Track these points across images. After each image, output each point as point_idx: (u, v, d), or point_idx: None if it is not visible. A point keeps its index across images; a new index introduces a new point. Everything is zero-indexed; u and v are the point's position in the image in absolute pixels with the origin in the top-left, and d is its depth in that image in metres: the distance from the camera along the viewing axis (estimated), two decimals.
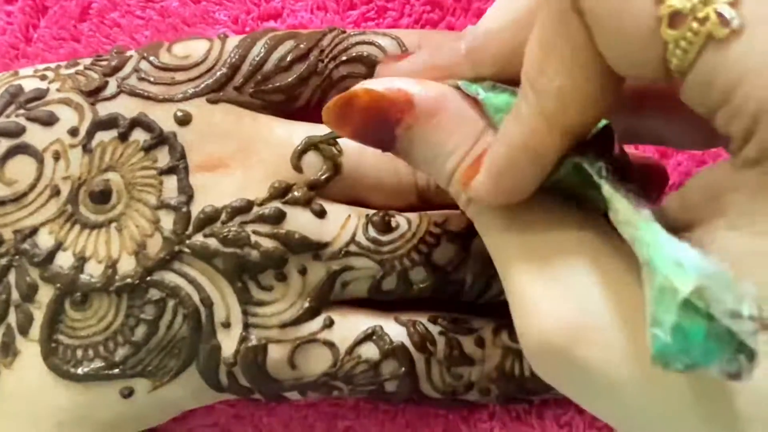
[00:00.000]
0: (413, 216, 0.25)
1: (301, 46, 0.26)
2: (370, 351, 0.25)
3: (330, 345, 0.24)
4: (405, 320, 0.25)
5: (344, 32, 0.26)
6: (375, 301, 0.26)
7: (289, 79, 0.26)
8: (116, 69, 0.26)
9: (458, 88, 0.20)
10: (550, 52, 0.17)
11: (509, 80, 0.20)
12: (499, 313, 0.25)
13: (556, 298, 0.18)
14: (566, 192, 0.19)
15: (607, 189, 0.17)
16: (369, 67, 0.26)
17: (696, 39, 0.15)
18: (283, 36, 0.26)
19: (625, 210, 0.16)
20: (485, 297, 0.25)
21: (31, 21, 0.30)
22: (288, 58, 0.26)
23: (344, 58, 0.26)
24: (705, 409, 0.16)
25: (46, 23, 0.30)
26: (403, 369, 0.24)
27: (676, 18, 0.15)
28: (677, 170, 0.28)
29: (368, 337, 0.25)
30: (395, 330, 0.25)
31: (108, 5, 0.30)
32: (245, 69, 0.25)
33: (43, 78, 0.26)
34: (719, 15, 0.15)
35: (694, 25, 0.15)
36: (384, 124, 0.20)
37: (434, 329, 0.25)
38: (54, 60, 0.30)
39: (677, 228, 0.17)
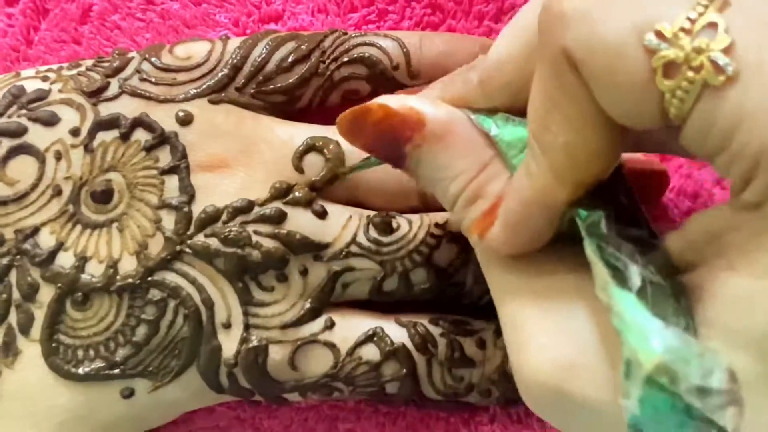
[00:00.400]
0: (414, 218, 0.25)
1: (303, 47, 0.26)
2: (371, 352, 0.25)
3: (331, 346, 0.25)
4: (406, 322, 0.25)
5: (346, 34, 0.26)
6: (376, 303, 0.26)
7: (291, 80, 0.26)
8: (118, 70, 0.26)
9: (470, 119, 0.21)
10: (552, 108, 0.17)
11: (524, 109, 0.20)
12: None
13: (551, 335, 0.18)
14: (577, 235, 0.19)
15: (589, 251, 0.17)
16: (370, 68, 0.26)
17: (692, 87, 0.15)
18: (285, 37, 0.26)
19: (602, 276, 0.16)
20: (486, 298, 0.25)
21: (32, 23, 0.30)
22: (289, 59, 0.26)
23: (345, 59, 0.26)
24: None
25: (47, 26, 0.30)
26: (405, 370, 0.24)
27: (670, 68, 0.15)
28: (678, 172, 0.28)
29: (369, 338, 0.25)
30: (396, 331, 0.25)
31: (109, 7, 0.30)
32: (247, 70, 0.26)
33: (45, 79, 0.26)
34: (713, 63, 0.15)
35: (690, 74, 0.15)
36: (394, 141, 0.20)
37: (435, 331, 0.25)
38: (55, 62, 0.30)
39: (680, 268, 0.17)
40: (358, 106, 0.21)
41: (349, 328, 0.25)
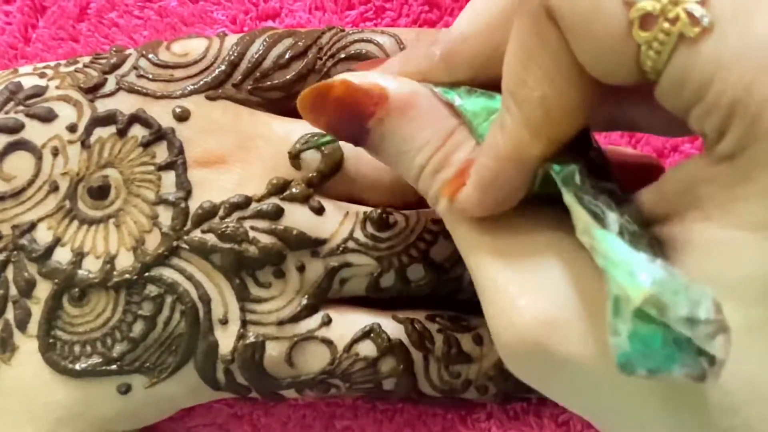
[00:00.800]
0: (411, 213, 0.25)
1: (300, 43, 0.26)
2: (367, 348, 0.25)
3: (328, 343, 0.25)
4: (403, 318, 0.25)
5: (343, 30, 0.26)
6: (373, 300, 0.26)
7: (287, 77, 0.26)
8: (115, 66, 0.26)
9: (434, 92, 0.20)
10: (529, 62, 0.17)
11: (486, 84, 0.20)
12: None
13: (529, 293, 0.18)
14: (545, 196, 0.19)
15: (567, 198, 0.17)
16: None
17: (668, 39, 0.15)
18: (282, 34, 0.26)
19: (584, 219, 0.16)
20: None
21: (29, 21, 0.30)
22: (286, 56, 0.26)
23: (342, 55, 0.26)
24: (675, 401, 0.16)
25: (45, 23, 0.30)
26: (402, 366, 0.24)
27: (647, 20, 0.15)
28: None
29: (366, 334, 0.25)
30: (393, 328, 0.25)
31: (106, 5, 0.30)
32: (243, 66, 0.26)
33: (42, 75, 0.26)
34: (689, 14, 0.15)
35: (665, 25, 0.15)
36: (357, 116, 0.20)
37: (432, 327, 0.25)
38: (53, 60, 0.30)
39: (653, 220, 0.17)
40: (319, 83, 0.21)
41: (346, 324, 0.25)
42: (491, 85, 0.19)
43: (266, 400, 0.26)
